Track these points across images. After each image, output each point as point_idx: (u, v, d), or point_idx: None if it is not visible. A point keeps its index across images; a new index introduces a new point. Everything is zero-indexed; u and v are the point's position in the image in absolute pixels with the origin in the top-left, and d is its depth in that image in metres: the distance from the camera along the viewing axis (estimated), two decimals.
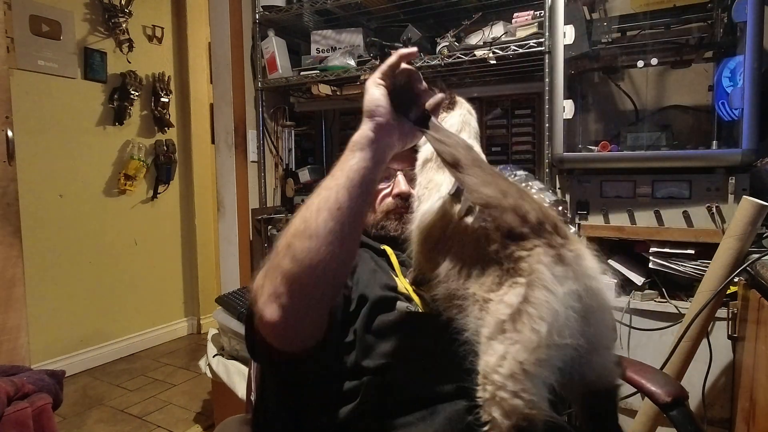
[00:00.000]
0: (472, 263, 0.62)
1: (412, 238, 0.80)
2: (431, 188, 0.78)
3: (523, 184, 0.72)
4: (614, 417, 0.65)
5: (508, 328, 0.53)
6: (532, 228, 0.56)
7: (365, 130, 0.67)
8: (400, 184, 1.01)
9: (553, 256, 0.54)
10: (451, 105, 0.87)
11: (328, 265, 0.61)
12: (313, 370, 0.72)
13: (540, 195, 0.67)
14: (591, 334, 0.56)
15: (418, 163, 0.85)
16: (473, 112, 0.89)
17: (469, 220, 0.66)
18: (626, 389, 0.89)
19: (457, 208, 0.69)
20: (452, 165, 0.63)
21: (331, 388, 0.73)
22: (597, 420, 0.64)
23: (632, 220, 1.46)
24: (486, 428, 0.54)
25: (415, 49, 0.70)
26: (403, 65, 0.69)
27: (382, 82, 0.68)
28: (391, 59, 0.69)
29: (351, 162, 0.65)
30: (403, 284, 0.88)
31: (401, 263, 0.94)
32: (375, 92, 0.68)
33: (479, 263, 0.61)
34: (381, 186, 1.04)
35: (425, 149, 0.84)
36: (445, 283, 0.66)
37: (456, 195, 0.70)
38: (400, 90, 0.69)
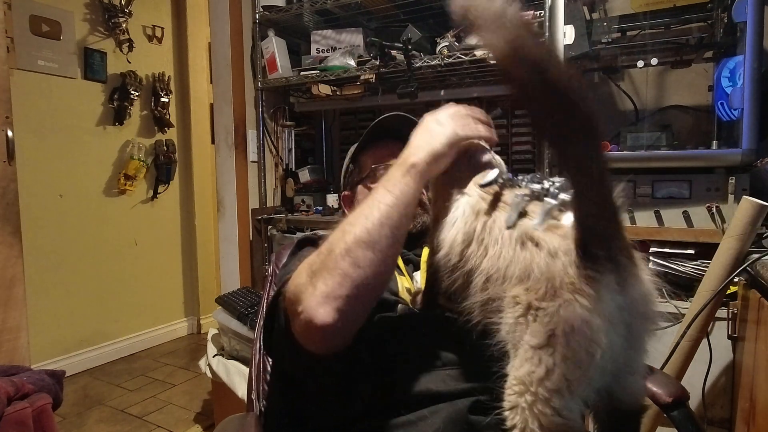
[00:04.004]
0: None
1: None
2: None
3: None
4: None
5: (560, 343, 0.51)
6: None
7: None
8: None
9: (619, 283, 0.52)
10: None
11: (384, 276, 0.68)
12: (333, 370, 0.72)
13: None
14: (632, 359, 0.56)
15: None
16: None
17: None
18: None
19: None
20: None
21: (335, 388, 0.74)
22: None
23: (632, 220, 1.46)
24: None
25: None
26: None
27: None
28: None
29: (405, 188, 0.68)
30: (407, 284, 0.88)
31: (407, 261, 0.94)
32: None
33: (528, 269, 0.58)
34: (376, 184, 1.04)
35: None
36: (485, 291, 0.62)
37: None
38: None
